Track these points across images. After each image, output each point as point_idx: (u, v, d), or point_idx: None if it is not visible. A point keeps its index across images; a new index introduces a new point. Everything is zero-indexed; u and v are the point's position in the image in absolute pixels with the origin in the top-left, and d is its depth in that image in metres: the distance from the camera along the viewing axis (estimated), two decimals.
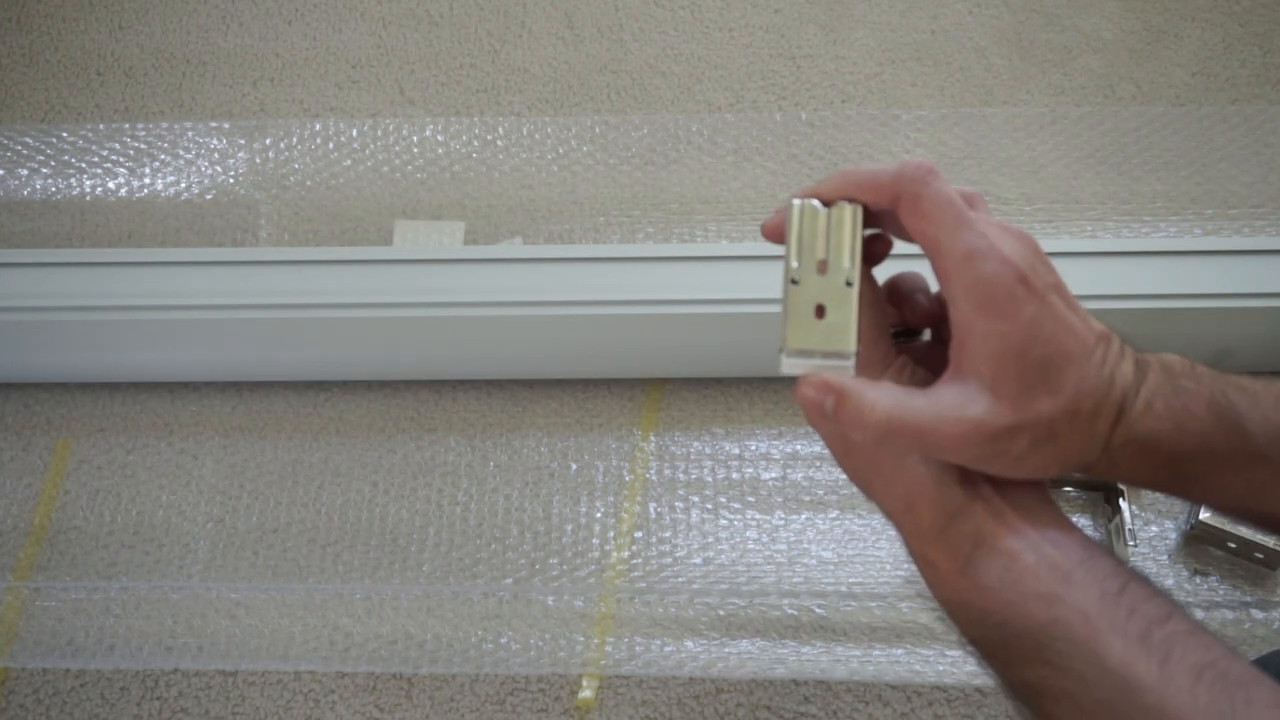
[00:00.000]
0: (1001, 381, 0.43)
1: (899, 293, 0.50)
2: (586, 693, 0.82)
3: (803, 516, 0.88)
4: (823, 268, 0.45)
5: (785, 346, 0.44)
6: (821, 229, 0.45)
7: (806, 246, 0.45)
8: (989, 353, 0.43)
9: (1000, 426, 0.43)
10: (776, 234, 0.47)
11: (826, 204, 0.46)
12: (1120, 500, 0.84)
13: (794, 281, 0.45)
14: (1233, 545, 0.83)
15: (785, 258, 0.45)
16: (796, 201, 0.46)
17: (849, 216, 0.45)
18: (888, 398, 0.43)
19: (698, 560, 0.87)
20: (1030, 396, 0.43)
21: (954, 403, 0.43)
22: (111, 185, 1.07)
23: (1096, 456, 0.44)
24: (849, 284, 0.45)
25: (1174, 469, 0.45)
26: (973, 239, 0.43)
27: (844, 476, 0.50)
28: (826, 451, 0.87)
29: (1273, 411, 0.44)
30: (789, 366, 0.45)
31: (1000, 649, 0.45)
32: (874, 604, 0.84)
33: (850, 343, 0.44)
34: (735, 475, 0.90)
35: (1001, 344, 0.43)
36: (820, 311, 0.45)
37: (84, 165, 1.08)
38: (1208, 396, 0.44)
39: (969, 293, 0.43)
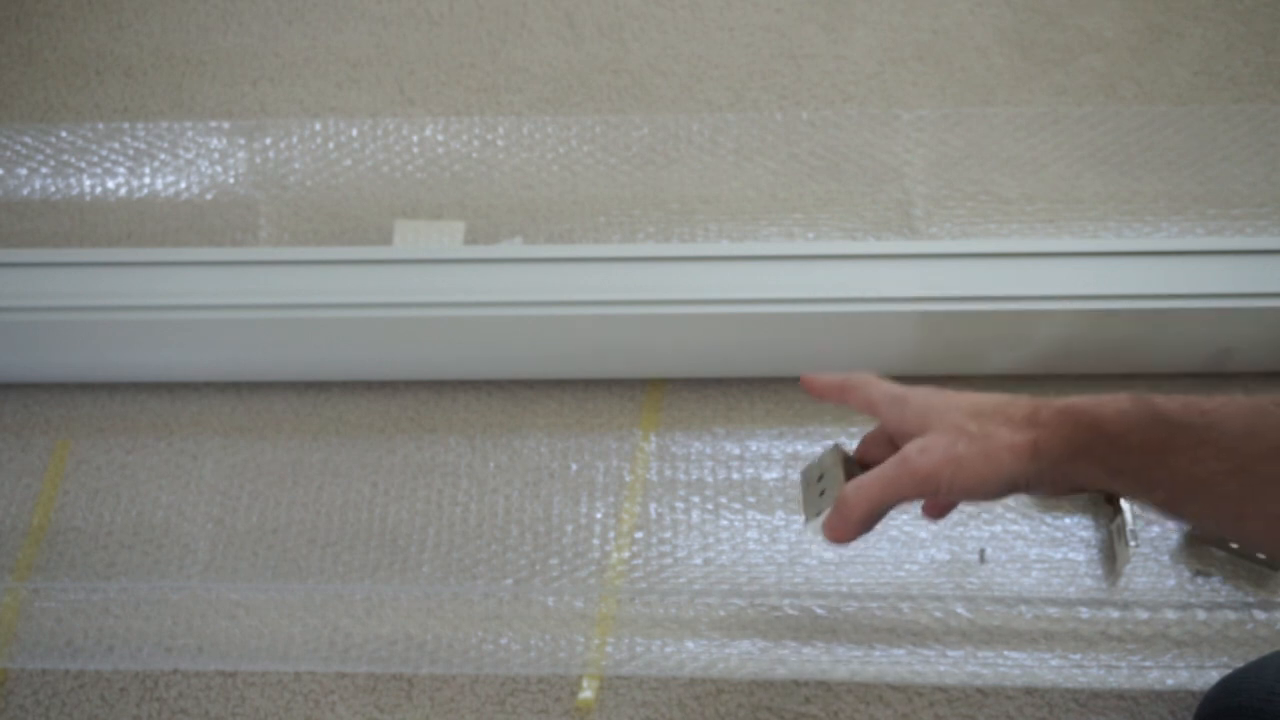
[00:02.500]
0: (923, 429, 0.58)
1: None
2: (587, 693, 0.82)
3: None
4: (821, 489, 0.63)
5: (807, 522, 0.63)
6: (814, 477, 0.64)
7: (812, 487, 0.64)
8: (908, 430, 0.58)
9: (935, 438, 0.56)
10: (817, 391, 0.65)
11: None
12: (1122, 500, 0.84)
13: (815, 515, 0.62)
14: (1235, 546, 0.83)
15: (802, 504, 0.64)
16: (799, 473, 0.66)
17: (830, 457, 0.64)
18: (851, 485, 0.58)
19: (698, 561, 0.86)
20: (936, 419, 0.57)
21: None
22: (111, 185, 1.07)
23: (1035, 434, 0.53)
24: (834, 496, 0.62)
25: (1097, 432, 0.52)
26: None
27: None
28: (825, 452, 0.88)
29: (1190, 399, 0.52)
30: (813, 530, 0.62)
31: None
32: (875, 604, 0.83)
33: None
34: (736, 475, 0.90)
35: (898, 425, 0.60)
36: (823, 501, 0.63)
37: (83, 165, 1.08)
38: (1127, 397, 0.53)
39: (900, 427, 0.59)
